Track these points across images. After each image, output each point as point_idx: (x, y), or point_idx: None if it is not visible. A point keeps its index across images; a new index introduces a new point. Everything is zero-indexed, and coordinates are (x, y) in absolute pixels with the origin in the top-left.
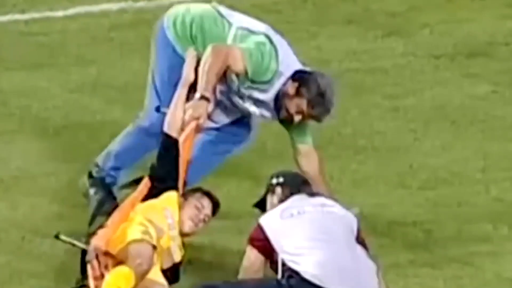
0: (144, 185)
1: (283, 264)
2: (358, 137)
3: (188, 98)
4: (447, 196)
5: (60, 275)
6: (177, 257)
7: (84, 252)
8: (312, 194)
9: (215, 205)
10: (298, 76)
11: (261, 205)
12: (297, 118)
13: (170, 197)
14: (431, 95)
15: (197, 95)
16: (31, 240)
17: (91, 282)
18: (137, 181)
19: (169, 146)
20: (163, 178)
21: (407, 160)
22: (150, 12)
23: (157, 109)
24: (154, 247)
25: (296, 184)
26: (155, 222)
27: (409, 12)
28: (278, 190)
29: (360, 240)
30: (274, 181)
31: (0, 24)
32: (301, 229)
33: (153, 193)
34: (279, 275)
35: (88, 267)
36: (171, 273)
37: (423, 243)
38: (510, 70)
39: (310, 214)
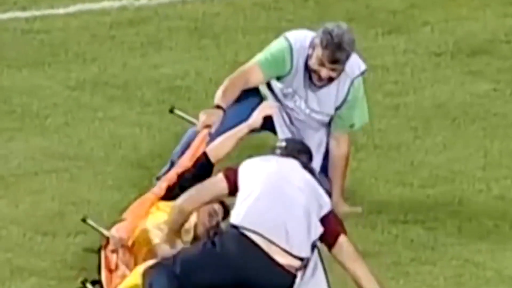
0: (168, 181)
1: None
2: (358, 135)
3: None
4: (448, 194)
5: (61, 273)
6: None
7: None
8: (303, 164)
9: (226, 211)
10: (312, 39)
11: None
12: (323, 72)
13: None
14: (432, 93)
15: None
16: (32, 238)
17: (103, 272)
18: None
19: (204, 167)
20: (186, 189)
21: (408, 158)
22: (151, 10)
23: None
24: None
25: (293, 150)
26: None
27: (410, 9)
28: (277, 151)
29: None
30: (278, 144)
31: (1, 21)
32: (261, 178)
33: (172, 196)
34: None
35: (102, 256)
36: None
37: (424, 241)
38: (511, 68)
39: (280, 168)
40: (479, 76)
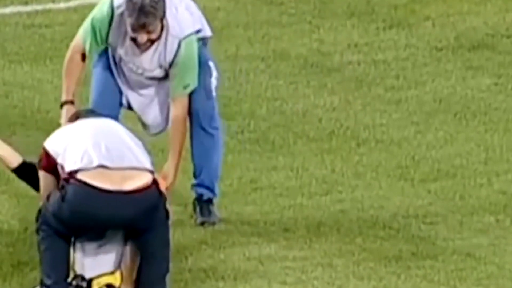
0: None
1: (62, 168)
2: (360, 129)
3: None
4: (449, 189)
5: None
6: None
7: None
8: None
9: None
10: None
11: None
12: (140, 37)
13: None
14: (433, 88)
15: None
16: (33, 232)
17: None
18: None
19: None
20: None
21: (409, 153)
22: None
23: None
24: None
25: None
26: None
27: (411, 4)
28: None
29: None
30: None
31: (2, 16)
32: (72, 130)
33: None
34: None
35: None
36: None
37: (425, 235)
38: None
39: (85, 122)
40: (480, 70)
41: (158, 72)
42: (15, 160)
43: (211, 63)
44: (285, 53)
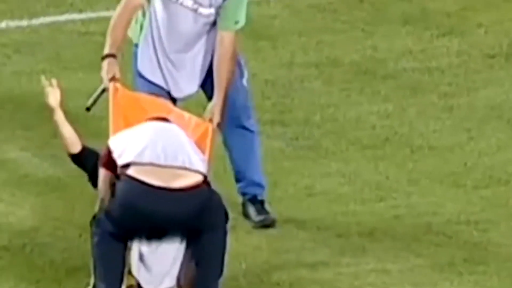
0: None
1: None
2: (414, 136)
3: None
4: (501, 195)
5: None
6: None
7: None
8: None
9: None
10: None
11: None
12: None
13: None
14: (486, 94)
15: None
16: (87, 239)
17: None
18: None
19: None
20: None
21: (462, 159)
22: None
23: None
24: None
25: None
26: None
27: (465, 11)
28: None
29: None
30: None
31: (57, 23)
32: (136, 129)
33: None
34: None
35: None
36: None
37: (477, 241)
38: None
39: (150, 123)
40: None
41: (210, 13)
42: (76, 146)
43: (242, 61)
44: (338, 60)
